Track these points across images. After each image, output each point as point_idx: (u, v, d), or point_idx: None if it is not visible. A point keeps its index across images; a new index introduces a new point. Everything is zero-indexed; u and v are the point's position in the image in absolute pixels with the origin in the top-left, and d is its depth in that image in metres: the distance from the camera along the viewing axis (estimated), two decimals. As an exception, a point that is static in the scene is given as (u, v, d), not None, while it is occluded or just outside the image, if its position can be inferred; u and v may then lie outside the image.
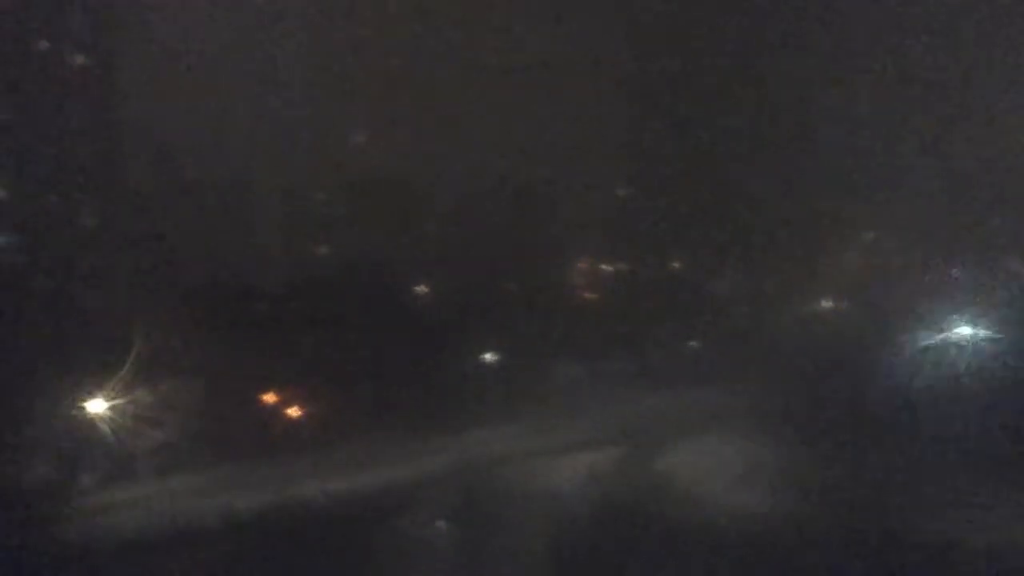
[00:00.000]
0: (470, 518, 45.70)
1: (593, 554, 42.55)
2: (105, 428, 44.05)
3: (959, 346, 52.57)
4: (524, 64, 59.05)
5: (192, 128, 53.54)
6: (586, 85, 60.01)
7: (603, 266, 62.52)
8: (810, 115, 59.98)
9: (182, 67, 53.74)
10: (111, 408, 44.26)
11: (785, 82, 60.09)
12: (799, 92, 60.01)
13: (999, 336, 51.88)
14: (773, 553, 41.03)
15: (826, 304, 60.08)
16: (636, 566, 41.32)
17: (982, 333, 52.84)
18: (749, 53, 60.39)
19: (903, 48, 59.22)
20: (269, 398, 50.88)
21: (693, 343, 58.28)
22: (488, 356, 55.61)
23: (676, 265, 61.89)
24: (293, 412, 50.94)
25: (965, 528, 41.25)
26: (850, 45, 59.48)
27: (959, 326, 53.61)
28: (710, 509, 45.34)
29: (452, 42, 58.85)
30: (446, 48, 59.05)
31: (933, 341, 53.29)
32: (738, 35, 60.51)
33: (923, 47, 58.69)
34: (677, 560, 41.81)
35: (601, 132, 60.80)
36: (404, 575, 42.24)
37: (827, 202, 60.11)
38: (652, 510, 45.67)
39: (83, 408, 44.37)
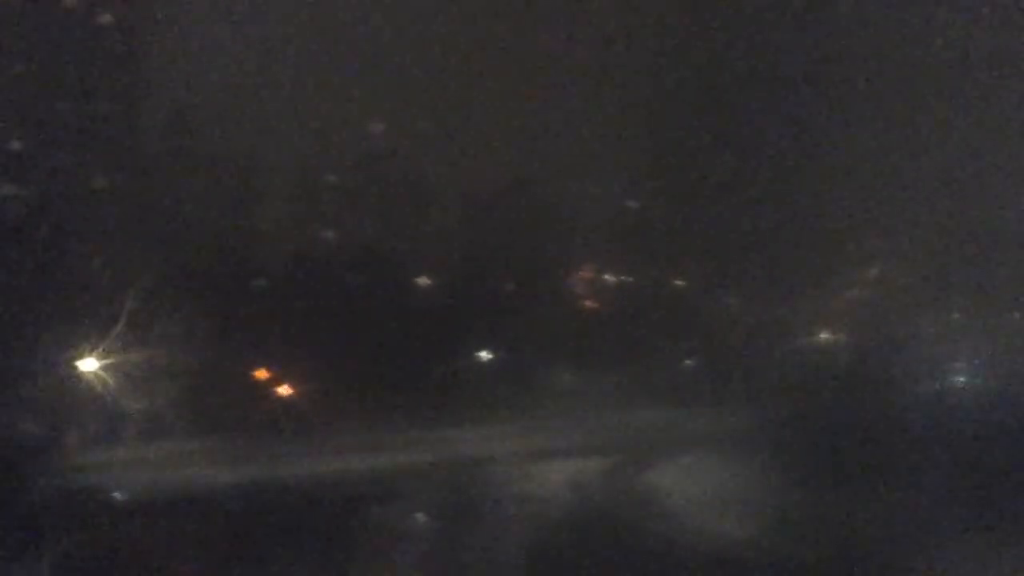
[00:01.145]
0: (449, 514, 45.58)
1: (570, 562, 42.42)
2: (96, 387, 43.85)
3: (959, 378, 52.62)
4: (538, 68, 59.13)
5: (209, 98, 53.47)
6: (603, 93, 60.09)
7: (606, 276, 62.40)
8: (825, 134, 60.04)
9: (205, 38, 53.71)
10: (103, 367, 44.05)
11: (799, 99, 60.22)
12: (814, 110, 60.12)
13: (1002, 370, 51.89)
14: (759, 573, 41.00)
15: (828, 332, 60.01)
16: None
17: (985, 366, 52.86)
18: (764, 68, 60.52)
19: (922, 72, 59.44)
20: (261, 374, 50.58)
21: (691, 360, 58.10)
22: (483, 354, 55.41)
23: (680, 281, 61.79)
24: (283, 391, 50.65)
25: (959, 562, 41.23)
26: (868, 63, 59.68)
27: (961, 358, 53.65)
28: (696, 528, 45.22)
29: (466, 41, 58.93)
30: (460, 47, 59.14)
31: (933, 372, 53.33)
32: (755, 51, 60.62)
33: (941, 73, 58.93)
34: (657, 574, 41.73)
35: (616, 142, 60.83)
36: (377, 561, 42.09)
37: (836, 227, 60.15)
38: (634, 523, 45.60)
39: (74, 366, 44.17)
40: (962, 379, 53.12)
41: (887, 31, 58.79)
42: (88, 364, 44.41)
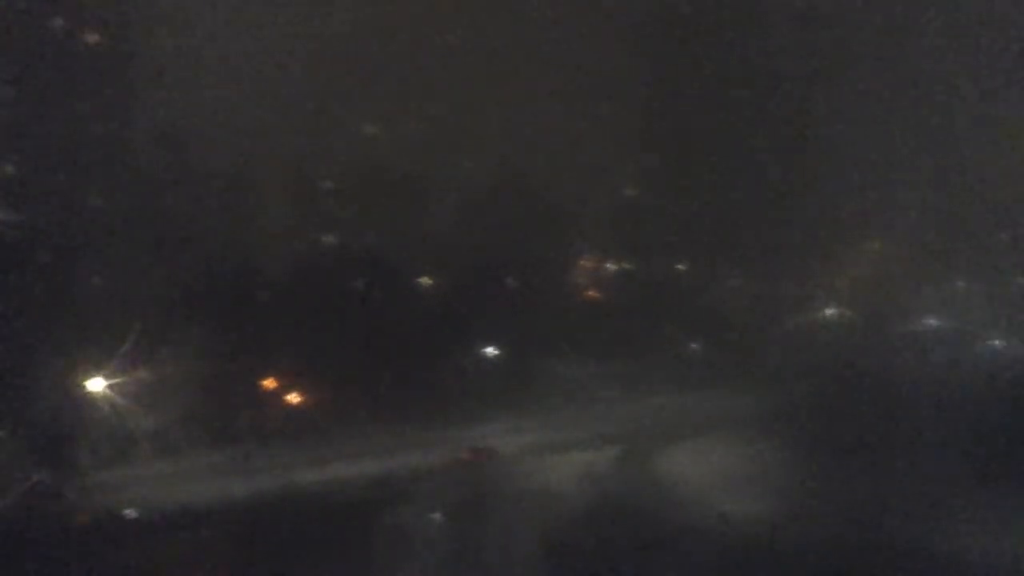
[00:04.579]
0: (464, 512, 45.61)
1: (586, 552, 42.38)
2: (104, 408, 44.10)
3: (961, 355, 52.58)
4: (535, 61, 59.01)
5: (202, 113, 53.56)
6: (599, 84, 59.97)
7: (608, 265, 62.43)
8: (820, 121, 59.94)
9: (194, 53, 53.78)
10: (110, 387, 44.32)
11: (795, 86, 60.07)
12: (809, 96, 60.00)
13: (1003, 347, 51.90)
14: (766, 557, 40.98)
15: (829, 311, 60.04)
16: (629, 565, 41.25)
17: (985, 343, 52.86)
18: (760, 58, 60.35)
19: (914, 58, 59.21)
20: (268, 384, 50.85)
21: (694, 345, 58.19)
22: (489, 351, 55.56)
23: (681, 267, 61.76)
24: (292, 399, 50.92)
25: (962, 536, 41.15)
26: (862, 53, 59.48)
27: (962, 336, 53.64)
28: (705, 511, 45.25)
29: (462, 38, 58.83)
30: (456, 43, 59.05)
31: (935, 350, 53.31)
32: (750, 40, 60.47)
33: (934, 60, 58.67)
34: (670, 560, 41.70)
35: (612, 132, 60.77)
36: (396, 564, 42.14)
37: (834, 208, 60.07)
38: (647, 510, 45.59)
39: (83, 387, 44.40)
40: (966, 354, 53.06)
41: (886, 23, 58.55)
42: (96, 384, 44.76)
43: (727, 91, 59.95)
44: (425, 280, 57.29)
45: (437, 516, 45.45)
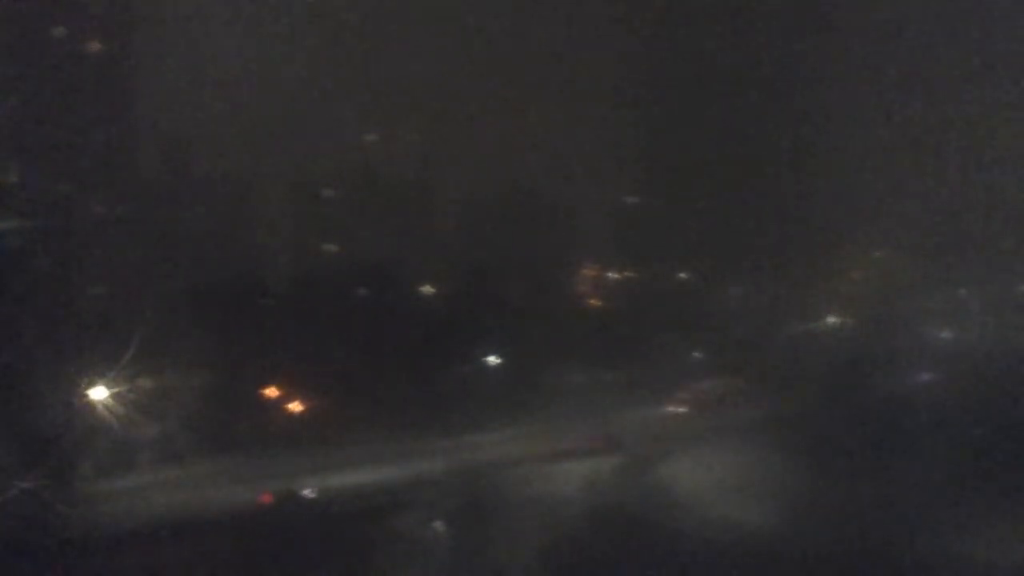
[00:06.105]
0: (466, 520, 45.59)
1: (587, 560, 42.39)
2: (106, 416, 44.05)
3: (962, 362, 52.67)
4: (536, 70, 59.29)
5: (204, 122, 53.78)
6: (600, 92, 60.22)
7: (609, 273, 62.62)
8: (822, 128, 60.17)
9: (196, 61, 54.01)
10: (113, 396, 44.26)
11: (797, 95, 60.30)
12: (810, 104, 60.25)
13: (1004, 353, 51.97)
14: (767, 564, 40.97)
15: (830, 319, 60.15)
16: (629, 573, 41.25)
17: (986, 350, 52.93)
18: (762, 66, 60.58)
19: (918, 66, 59.45)
20: (270, 393, 50.90)
21: (696, 353, 58.28)
22: (490, 359, 55.62)
23: (682, 275, 61.95)
24: (293, 407, 50.97)
25: (962, 543, 41.16)
26: (864, 60, 59.75)
27: (963, 343, 53.72)
28: (705, 519, 45.24)
29: (464, 46, 59.07)
30: (458, 52, 59.28)
31: (936, 357, 53.43)
32: (752, 49, 60.69)
33: (938, 68, 58.93)
34: (670, 569, 41.71)
35: (613, 140, 60.99)
36: (398, 573, 42.11)
37: (836, 217, 60.29)
38: (647, 518, 45.56)
39: (85, 395, 44.35)
40: (966, 362, 53.03)
41: (884, 27, 58.76)
42: (98, 392, 44.68)
43: (730, 98, 60.25)
44: (426, 289, 57.52)
45: (438, 524, 45.44)
